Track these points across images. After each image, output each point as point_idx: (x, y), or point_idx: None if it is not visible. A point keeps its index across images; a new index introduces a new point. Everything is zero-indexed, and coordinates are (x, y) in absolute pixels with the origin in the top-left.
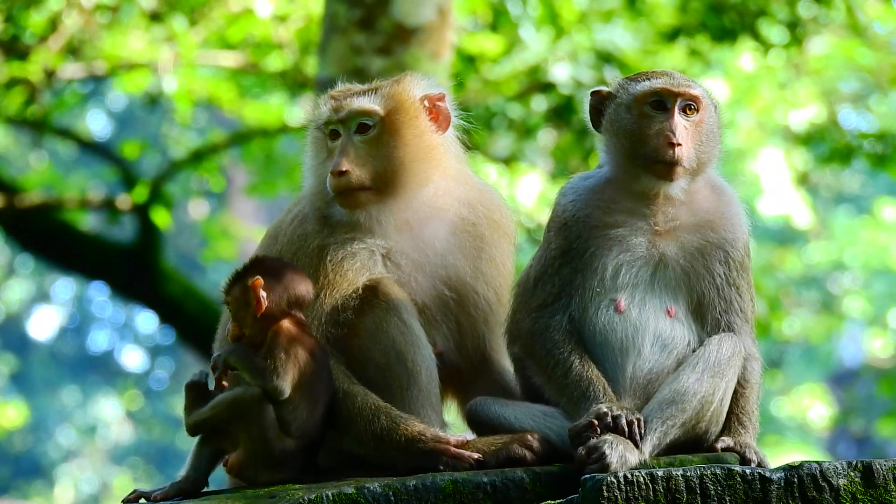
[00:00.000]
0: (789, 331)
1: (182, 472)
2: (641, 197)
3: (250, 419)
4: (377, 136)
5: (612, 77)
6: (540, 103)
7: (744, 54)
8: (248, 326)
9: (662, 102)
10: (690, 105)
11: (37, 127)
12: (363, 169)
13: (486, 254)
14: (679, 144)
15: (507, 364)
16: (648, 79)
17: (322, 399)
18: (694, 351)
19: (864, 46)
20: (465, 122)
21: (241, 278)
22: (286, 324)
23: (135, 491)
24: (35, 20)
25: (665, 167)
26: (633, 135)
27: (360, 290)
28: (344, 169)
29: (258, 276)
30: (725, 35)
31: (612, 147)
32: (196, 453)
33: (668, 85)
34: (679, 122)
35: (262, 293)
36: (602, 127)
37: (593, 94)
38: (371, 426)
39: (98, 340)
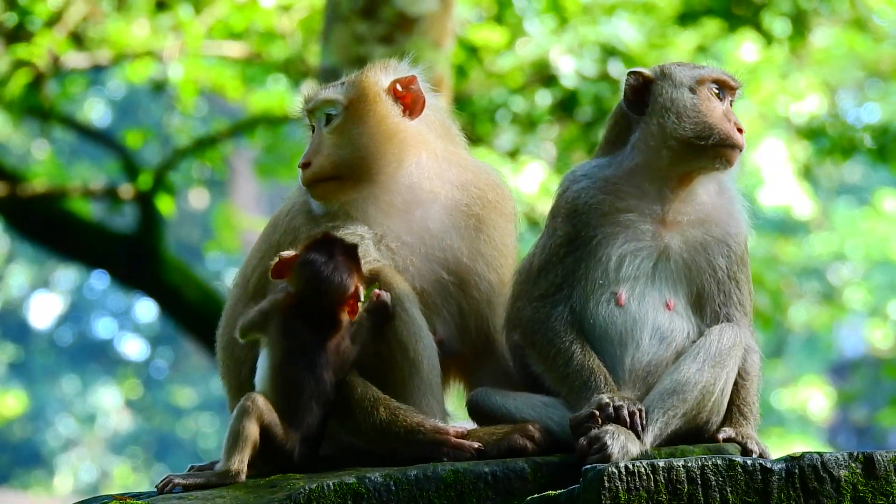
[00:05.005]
0: (790, 322)
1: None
2: (664, 182)
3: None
4: (341, 125)
5: (617, 70)
6: (544, 97)
7: (745, 44)
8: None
9: (722, 91)
10: (732, 101)
11: (42, 116)
12: (327, 159)
13: (484, 234)
14: (743, 131)
15: None
16: (704, 66)
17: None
18: (693, 343)
19: (865, 36)
20: (437, 101)
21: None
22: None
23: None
24: (40, 8)
25: (733, 151)
26: (698, 115)
27: None
28: (305, 161)
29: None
30: (734, 20)
31: (657, 129)
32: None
33: (728, 77)
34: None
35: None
36: (648, 108)
37: (635, 74)
38: (370, 418)
39: (98, 329)
